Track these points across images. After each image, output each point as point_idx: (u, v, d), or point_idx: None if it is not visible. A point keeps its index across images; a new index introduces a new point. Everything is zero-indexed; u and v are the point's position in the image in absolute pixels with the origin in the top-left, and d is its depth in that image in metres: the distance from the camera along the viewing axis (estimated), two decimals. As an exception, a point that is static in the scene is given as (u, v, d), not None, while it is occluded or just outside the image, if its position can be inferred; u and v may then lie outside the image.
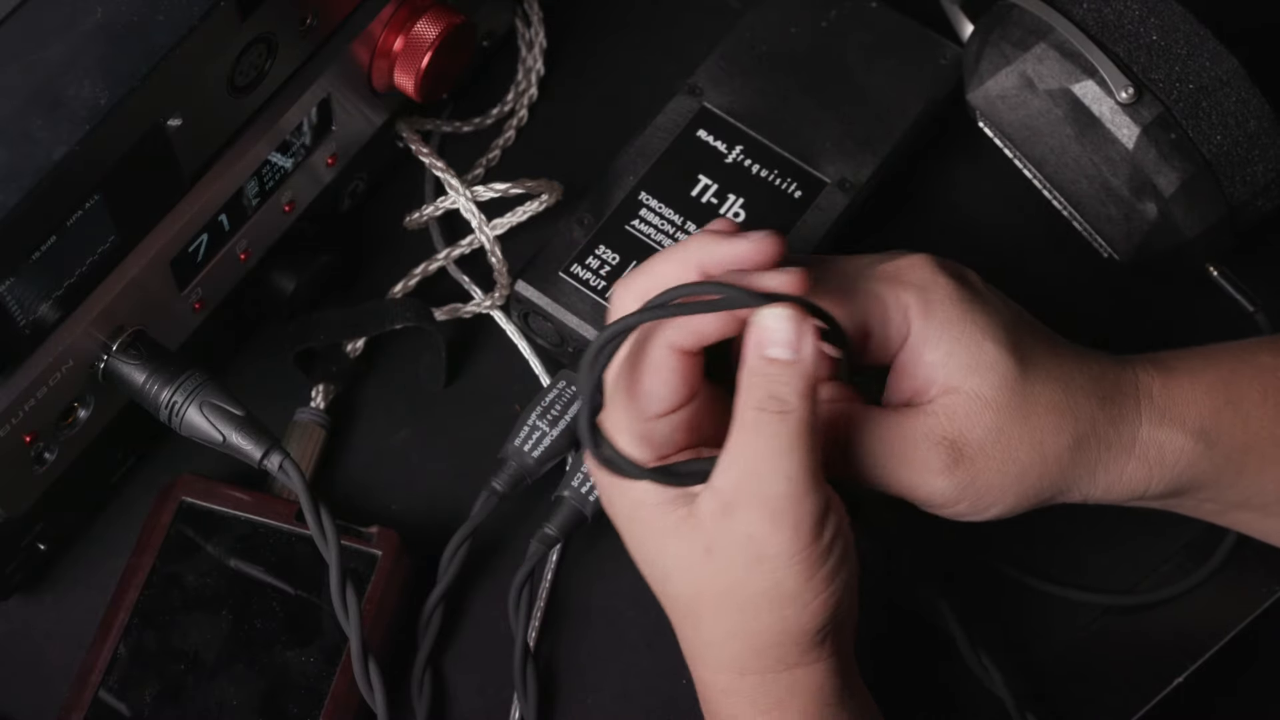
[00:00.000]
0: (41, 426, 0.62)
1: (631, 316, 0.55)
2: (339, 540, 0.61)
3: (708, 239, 0.57)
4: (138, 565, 0.67)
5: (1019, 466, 0.58)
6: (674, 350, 0.56)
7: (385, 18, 0.68)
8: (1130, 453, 0.60)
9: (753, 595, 0.56)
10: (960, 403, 0.58)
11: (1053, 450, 0.59)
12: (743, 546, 0.55)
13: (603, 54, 0.81)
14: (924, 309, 0.58)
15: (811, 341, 0.55)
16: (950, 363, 0.58)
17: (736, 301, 0.55)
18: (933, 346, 0.58)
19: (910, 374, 0.59)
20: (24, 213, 0.54)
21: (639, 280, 0.57)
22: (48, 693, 0.67)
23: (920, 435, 0.58)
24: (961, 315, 0.58)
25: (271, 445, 0.61)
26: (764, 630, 0.56)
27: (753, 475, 0.55)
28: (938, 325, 0.58)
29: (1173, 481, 0.61)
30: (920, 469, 0.58)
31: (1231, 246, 0.73)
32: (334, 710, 0.66)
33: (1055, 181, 0.75)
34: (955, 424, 0.58)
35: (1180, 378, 0.61)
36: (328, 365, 0.72)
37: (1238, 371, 0.61)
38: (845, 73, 0.76)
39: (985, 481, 0.58)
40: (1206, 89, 0.69)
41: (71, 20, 0.57)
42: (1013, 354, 0.58)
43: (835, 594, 0.56)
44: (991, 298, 0.60)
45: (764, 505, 0.54)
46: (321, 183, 0.71)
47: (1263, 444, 0.61)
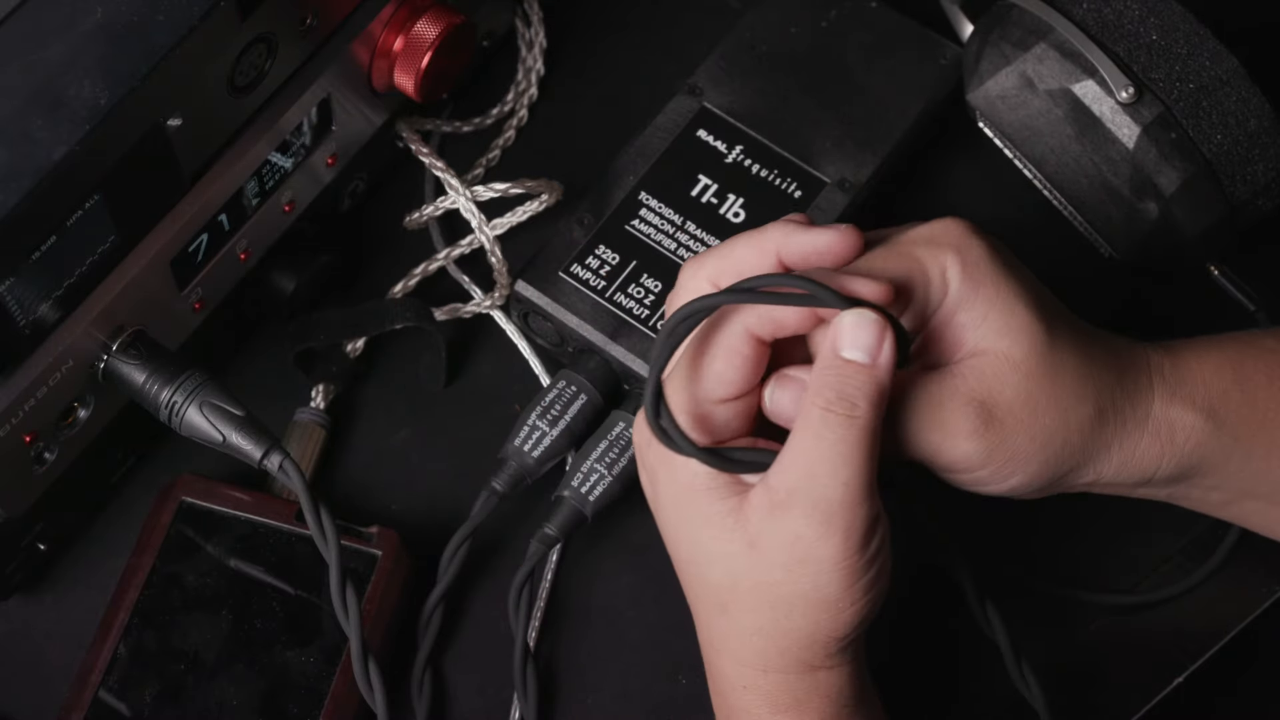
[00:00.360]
0: (41, 426, 0.62)
1: (717, 296, 0.55)
2: (339, 540, 0.61)
3: (788, 227, 0.57)
4: (138, 565, 0.67)
5: (1045, 432, 0.58)
6: (750, 336, 0.56)
7: (385, 18, 0.68)
8: (1144, 429, 0.60)
9: (790, 595, 0.56)
10: (990, 364, 0.57)
11: (1076, 418, 0.59)
12: (789, 546, 0.55)
13: (603, 54, 0.81)
14: (962, 269, 0.58)
15: (890, 350, 0.55)
16: (984, 325, 0.58)
17: (822, 300, 0.55)
18: (967, 307, 0.58)
19: (941, 336, 0.58)
20: (24, 213, 0.54)
21: (712, 261, 0.58)
22: (48, 693, 0.67)
23: (949, 395, 0.57)
24: (997, 277, 0.58)
25: (271, 445, 0.61)
26: (795, 631, 0.56)
27: (810, 476, 0.55)
28: (973, 285, 0.58)
29: (1182, 462, 0.61)
30: (949, 430, 0.57)
31: (1232, 246, 0.73)
32: (334, 710, 0.66)
33: (1055, 181, 0.75)
34: (985, 384, 0.57)
35: (1188, 358, 0.61)
36: (328, 365, 0.72)
37: (1243, 354, 0.62)
38: (845, 73, 0.76)
39: (1012, 445, 0.58)
40: (1207, 88, 0.69)
41: (71, 20, 0.57)
42: (1042, 320, 0.58)
43: (870, 604, 0.56)
44: (1020, 265, 0.60)
45: (817, 508, 0.54)
46: (321, 183, 0.71)
47: (1270, 427, 0.61)
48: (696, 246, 0.72)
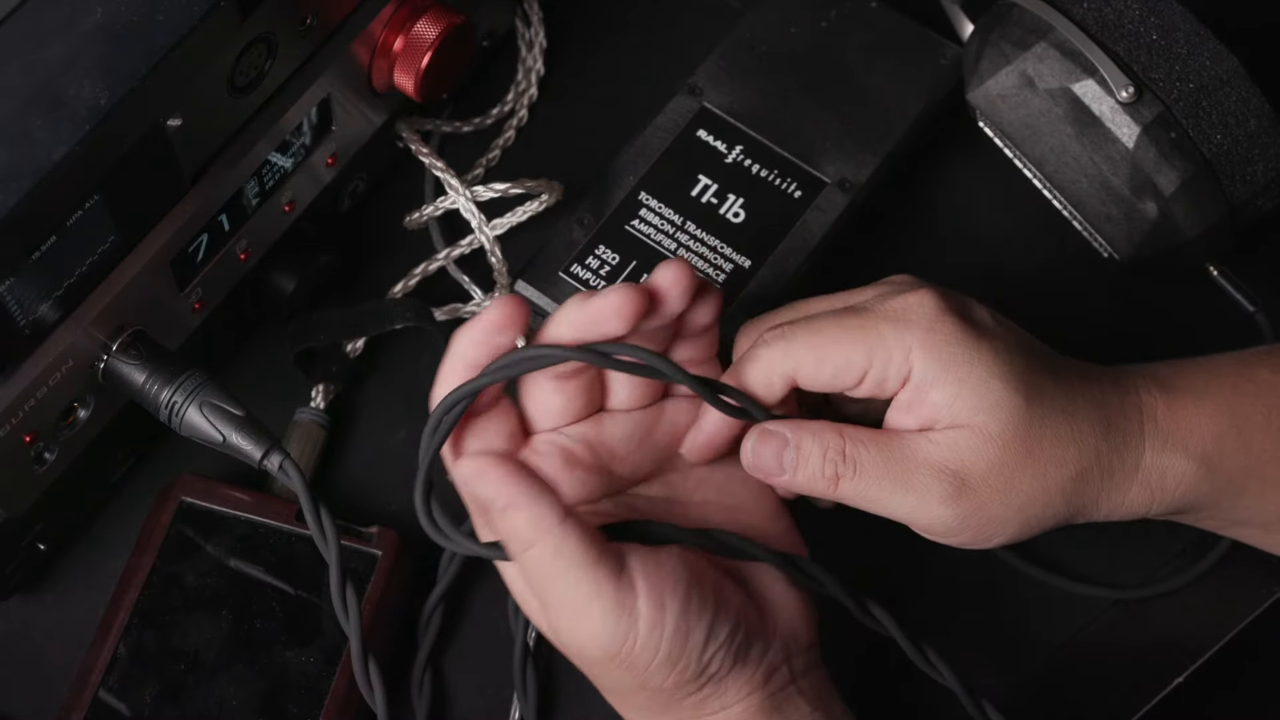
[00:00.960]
0: (41, 426, 0.62)
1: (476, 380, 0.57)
2: (339, 540, 0.61)
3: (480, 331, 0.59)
4: (138, 565, 0.67)
5: (1022, 498, 0.59)
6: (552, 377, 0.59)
7: (385, 18, 0.68)
8: (1133, 479, 0.60)
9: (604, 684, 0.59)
10: (965, 437, 0.58)
11: (1055, 482, 0.59)
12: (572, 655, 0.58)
13: (603, 54, 0.81)
14: (929, 350, 0.58)
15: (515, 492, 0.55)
16: (956, 403, 0.58)
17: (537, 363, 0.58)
18: (939, 387, 0.58)
19: (913, 410, 0.59)
20: (24, 213, 0.54)
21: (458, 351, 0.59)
22: (48, 693, 0.67)
23: (922, 462, 0.58)
24: (968, 356, 0.58)
25: (271, 445, 0.61)
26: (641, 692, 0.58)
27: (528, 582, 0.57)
28: (942, 366, 0.58)
29: (1174, 504, 0.62)
30: (923, 495, 0.58)
31: (1232, 246, 0.73)
32: (334, 710, 0.66)
33: (1055, 181, 0.75)
34: (959, 456, 0.58)
35: (1184, 400, 0.61)
36: (328, 365, 0.72)
37: (1240, 390, 0.62)
38: (845, 73, 0.76)
39: (988, 513, 0.59)
40: (1207, 88, 0.69)
41: (71, 20, 0.57)
42: (1019, 390, 0.58)
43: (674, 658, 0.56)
44: (1000, 331, 0.60)
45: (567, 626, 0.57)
46: (321, 183, 0.71)
47: (1264, 467, 0.61)
48: (696, 246, 0.72)
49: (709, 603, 0.57)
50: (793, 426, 0.59)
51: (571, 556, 0.55)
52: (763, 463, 0.59)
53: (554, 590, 0.56)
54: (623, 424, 0.61)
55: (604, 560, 0.55)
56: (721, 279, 0.71)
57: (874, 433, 0.59)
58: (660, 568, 0.56)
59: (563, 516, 0.55)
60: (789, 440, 0.59)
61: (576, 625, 0.56)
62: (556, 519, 0.55)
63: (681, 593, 0.56)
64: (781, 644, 0.59)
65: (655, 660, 0.56)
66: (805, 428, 0.59)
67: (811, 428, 0.59)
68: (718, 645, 0.57)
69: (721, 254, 0.72)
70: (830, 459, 0.59)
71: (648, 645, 0.56)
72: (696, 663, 0.56)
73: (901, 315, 0.59)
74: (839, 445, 0.59)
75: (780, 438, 0.59)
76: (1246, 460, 0.61)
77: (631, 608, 0.56)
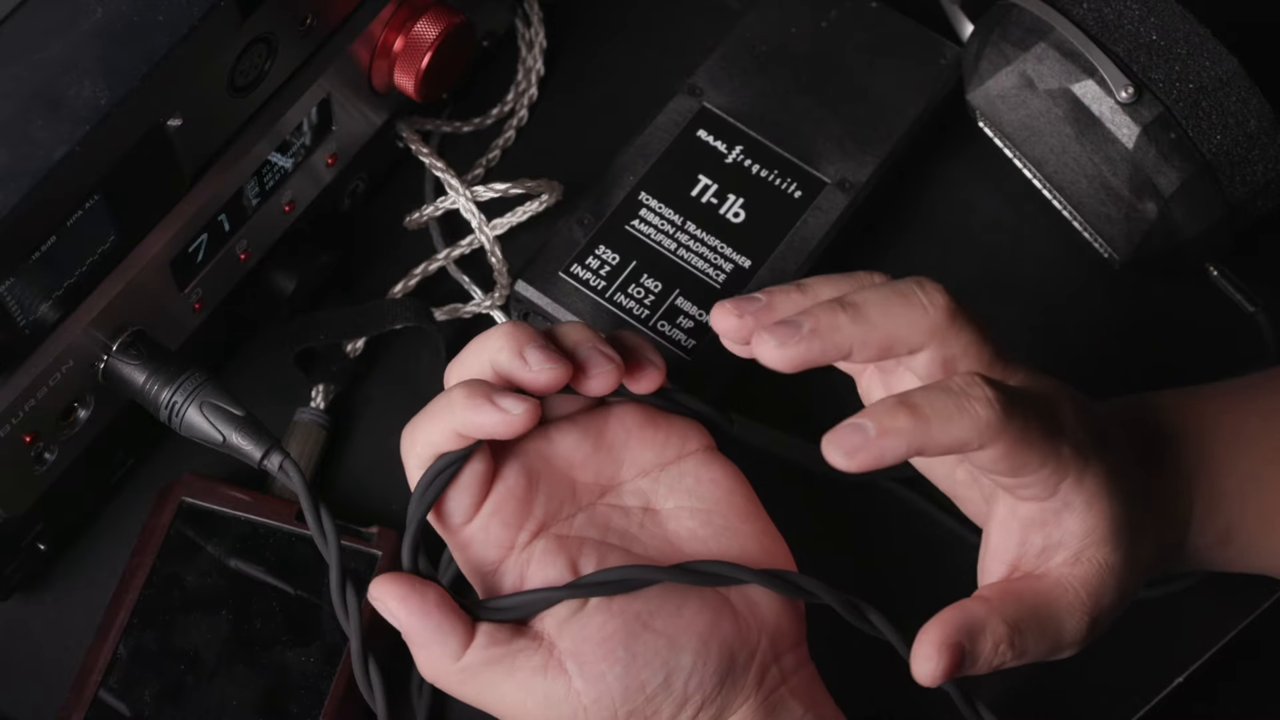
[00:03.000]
0: (41, 426, 0.62)
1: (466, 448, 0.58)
2: (339, 540, 0.61)
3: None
4: (138, 565, 0.67)
5: (1128, 597, 0.60)
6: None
7: (385, 18, 0.68)
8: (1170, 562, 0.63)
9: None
10: (1095, 575, 0.58)
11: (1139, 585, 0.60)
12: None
13: (603, 54, 0.81)
14: (1079, 480, 0.57)
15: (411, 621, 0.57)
16: (1092, 535, 0.57)
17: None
18: (1077, 516, 0.57)
19: (1046, 529, 0.58)
20: (24, 213, 0.54)
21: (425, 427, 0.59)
22: (48, 693, 0.67)
23: (1066, 611, 0.58)
24: (1102, 488, 0.57)
25: (271, 445, 0.61)
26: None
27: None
28: (1086, 499, 0.57)
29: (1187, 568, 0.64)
30: (1064, 640, 0.58)
31: (1231, 246, 0.73)
32: (334, 710, 0.66)
33: (1055, 181, 0.75)
34: (1094, 597, 0.58)
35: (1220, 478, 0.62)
36: (328, 365, 0.72)
37: (1268, 454, 0.63)
38: (845, 73, 0.76)
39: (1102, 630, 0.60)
40: (1206, 89, 0.69)
41: (71, 20, 0.57)
42: (1133, 517, 0.58)
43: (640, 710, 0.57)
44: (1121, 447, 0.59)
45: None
46: (321, 183, 0.71)
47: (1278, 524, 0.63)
48: (696, 246, 0.72)
49: (661, 645, 0.57)
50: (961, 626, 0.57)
51: (481, 678, 0.57)
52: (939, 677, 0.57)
53: (485, 704, 0.58)
54: (569, 430, 0.61)
55: (523, 658, 0.57)
56: (721, 279, 0.71)
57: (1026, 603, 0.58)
58: (591, 638, 0.57)
59: (461, 648, 0.57)
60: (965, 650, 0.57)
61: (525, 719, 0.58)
62: (455, 652, 0.57)
63: (620, 654, 0.56)
64: (769, 643, 0.59)
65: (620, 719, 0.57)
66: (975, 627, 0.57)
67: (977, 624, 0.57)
68: (686, 675, 0.57)
69: (721, 254, 0.72)
70: (1001, 652, 0.57)
71: (601, 714, 0.56)
72: (674, 699, 0.57)
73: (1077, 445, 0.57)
74: (1007, 635, 0.57)
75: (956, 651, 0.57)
76: (1263, 523, 0.63)
77: (567, 689, 0.56)
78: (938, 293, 0.57)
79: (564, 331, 0.59)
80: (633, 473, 0.61)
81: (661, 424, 0.61)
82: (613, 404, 0.61)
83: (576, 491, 0.60)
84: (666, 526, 0.61)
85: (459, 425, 0.57)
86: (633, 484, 0.61)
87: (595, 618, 0.57)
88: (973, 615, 0.57)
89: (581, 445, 0.61)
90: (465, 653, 0.57)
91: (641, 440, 0.61)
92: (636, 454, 0.61)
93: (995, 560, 0.59)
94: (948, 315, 0.56)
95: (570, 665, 0.57)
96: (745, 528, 0.61)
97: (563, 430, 0.61)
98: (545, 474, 0.60)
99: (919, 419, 0.53)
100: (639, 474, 0.61)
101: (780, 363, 0.56)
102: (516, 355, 0.57)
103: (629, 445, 0.61)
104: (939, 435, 0.53)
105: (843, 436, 0.53)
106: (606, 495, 0.61)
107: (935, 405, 0.54)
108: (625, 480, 0.61)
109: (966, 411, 0.54)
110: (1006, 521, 0.58)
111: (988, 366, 0.57)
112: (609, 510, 0.61)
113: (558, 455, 0.60)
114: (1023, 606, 0.57)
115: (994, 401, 0.54)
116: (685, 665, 0.57)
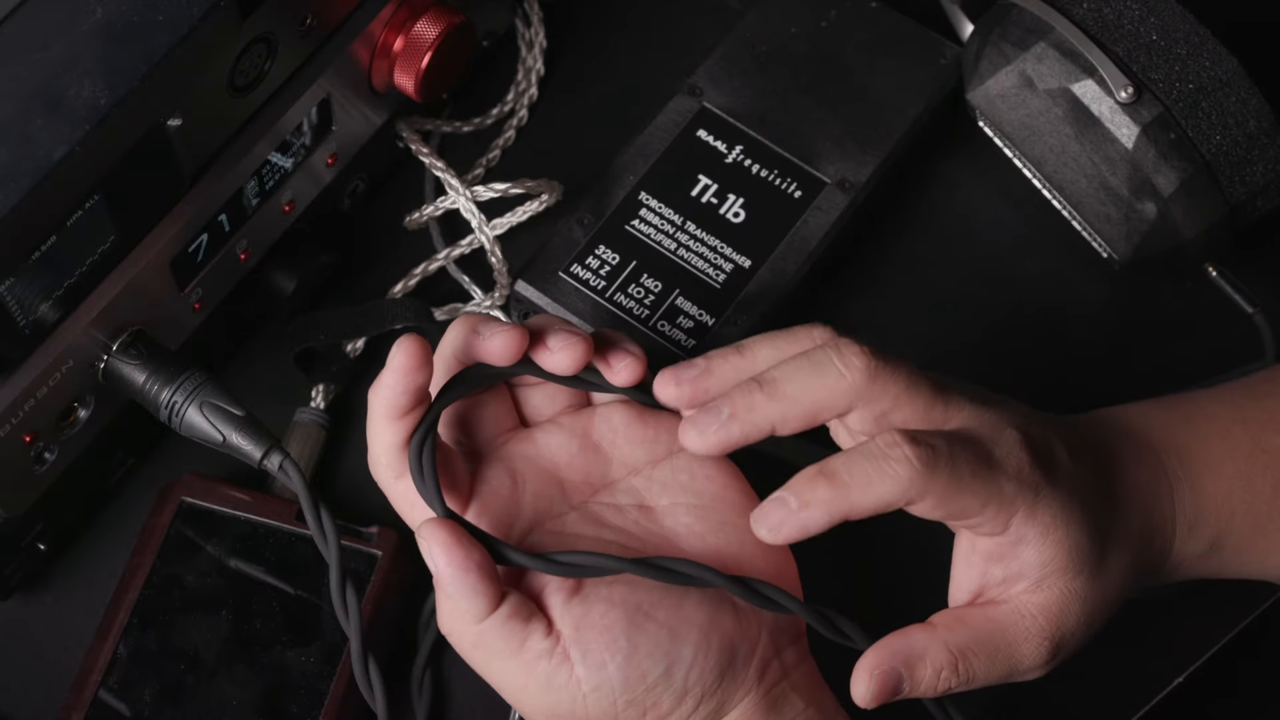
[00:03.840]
0: (41, 426, 0.62)
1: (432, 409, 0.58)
2: (339, 540, 0.61)
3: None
4: (138, 565, 0.67)
5: (1097, 627, 0.60)
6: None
7: (385, 18, 0.68)
8: (1160, 569, 0.62)
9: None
10: (1056, 601, 0.58)
11: (1117, 600, 0.61)
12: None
13: (603, 54, 0.81)
14: (1028, 513, 0.57)
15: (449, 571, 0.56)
16: (1051, 565, 0.58)
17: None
18: (1034, 548, 0.58)
19: (1004, 562, 0.58)
20: (24, 213, 0.54)
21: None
22: (48, 693, 0.67)
23: (1024, 642, 0.59)
24: (1058, 516, 0.58)
25: (271, 445, 0.61)
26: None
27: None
28: (1040, 530, 0.58)
29: (1179, 577, 0.64)
30: (1021, 665, 0.59)
31: (1230, 246, 0.73)
32: (334, 710, 0.66)
33: (1055, 181, 0.75)
34: (1054, 623, 0.59)
35: (1202, 480, 0.62)
36: (328, 365, 0.72)
37: (1253, 461, 0.63)
38: (845, 73, 0.76)
39: (1071, 652, 0.60)
40: (1206, 89, 0.69)
41: (71, 20, 0.57)
42: (1096, 539, 0.59)
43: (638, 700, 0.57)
44: (1076, 470, 0.59)
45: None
46: (321, 183, 0.71)
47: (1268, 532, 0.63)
48: (696, 246, 0.72)
49: (662, 636, 0.57)
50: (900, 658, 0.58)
51: (493, 646, 0.57)
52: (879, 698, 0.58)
53: (488, 673, 0.58)
54: (553, 431, 0.61)
55: (534, 640, 0.56)
56: (721, 279, 0.71)
57: (975, 630, 0.58)
58: (594, 626, 0.57)
59: (485, 612, 0.56)
60: (903, 675, 0.58)
61: (520, 701, 0.57)
62: (479, 613, 0.56)
63: (622, 643, 0.56)
64: (770, 638, 0.59)
65: (618, 709, 0.57)
66: (914, 654, 0.58)
67: (917, 651, 0.58)
68: (686, 667, 0.57)
69: (721, 254, 0.72)
70: (945, 678, 0.58)
71: (600, 703, 0.56)
72: (674, 691, 0.57)
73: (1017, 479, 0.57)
74: (950, 661, 0.58)
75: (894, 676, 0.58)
76: (1254, 530, 0.63)
77: (569, 675, 0.56)
78: (855, 355, 0.57)
79: (532, 320, 0.60)
80: (623, 471, 0.61)
81: (650, 421, 0.61)
82: (599, 404, 0.61)
83: (566, 491, 0.61)
84: (663, 523, 0.61)
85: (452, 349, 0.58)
86: (625, 482, 0.61)
87: (596, 606, 0.57)
88: (913, 643, 0.58)
89: (567, 446, 0.61)
90: (488, 618, 0.57)
91: (630, 438, 0.61)
92: (626, 452, 0.61)
93: (959, 590, 0.60)
94: (867, 377, 0.57)
95: (574, 653, 0.57)
96: (742, 522, 0.61)
97: (546, 432, 0.61)
98: (530, 475, 0.60)
99: (838, 487, 0.55)
100: (630, 472, 0.61)
101: (705, 450, 0.58)
102: (471, 332, 0.58)
103: (617, 444, 0.61)
104: (860, 500, 0.55)
105: (767, 512, 0.56)
106: (599, 494, 0.61)
107: (854, 471, 0.55)
108: (617, 479, 0.61)
109: (886, 474, 0.55)
110: (967, 555, 0.59)
111: (923, 413, 0.58)
112: (602, 509, 0.61)
113: (542, 456, 0.61)
114: (971, 634, 0.58)
115: (914, 459, 0.55)
116: (686, 657, 0.57)
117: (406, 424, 0.58)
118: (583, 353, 0.58)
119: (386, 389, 0.57)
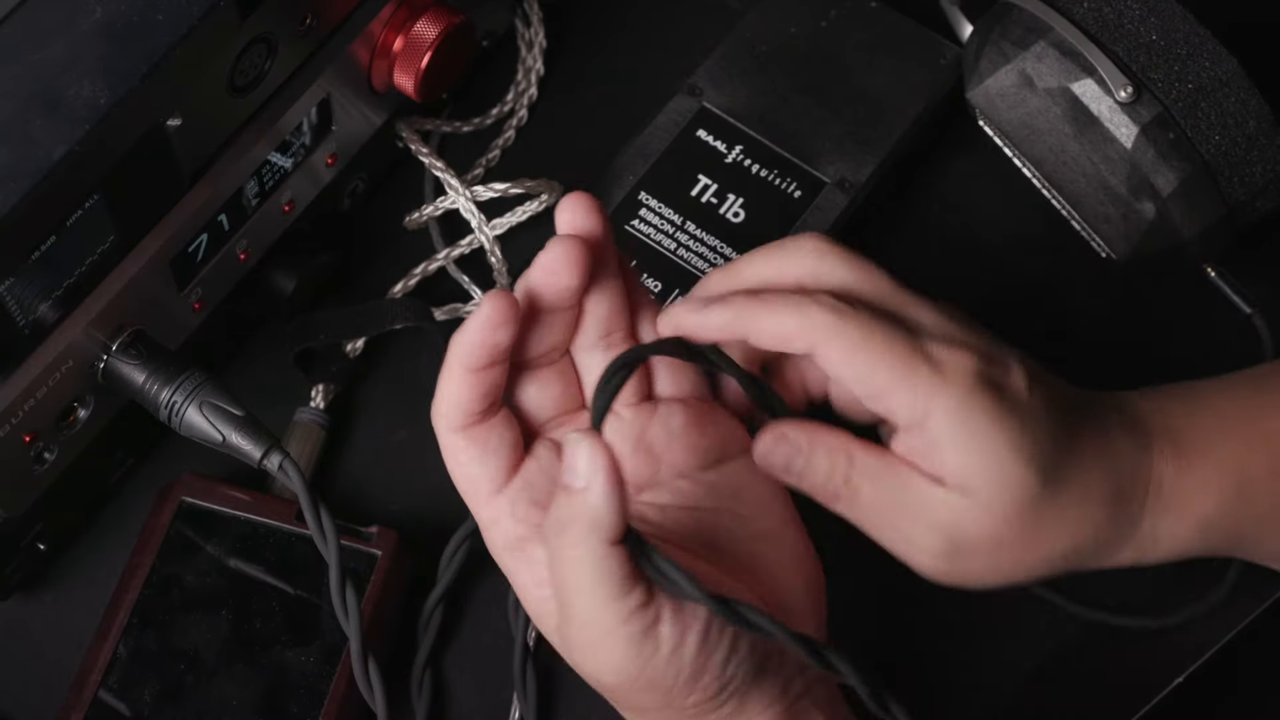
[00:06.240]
0: (41, 426, 0.62)
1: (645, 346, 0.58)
2: (339, 540, 0.61)
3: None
4: (138, 565, 0.67)
5: (1009, 567, 0.58)
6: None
7: (385, 18, 0.68)
8: (1127, 544, 0.60)
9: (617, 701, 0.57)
10: (968, 506, 0.57)
11: (1046, 555, 0.58)
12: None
13: (603, 54, 0.81)
14: (955, 416, 0.56)
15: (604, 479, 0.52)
16: (970, 470, 0.56)
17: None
18: (957, 451, 0.56)
19: (926, 457, 0.57)
20: (24, 213, 0.55)
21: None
22: (48, 693, 0.67)
23: (920, 514, 0.57)
24: (994, 430, 0.56)
25: (271, 445, 0.61)
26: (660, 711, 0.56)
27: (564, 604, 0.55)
28: (967, 434, 0.56)
29: (1165, 559, 0.61)
30: (911, 544, 0.58)
31: (1229, 247, 0.73)
32: (334, 710, 0.66)
33: (1054, 180, 0.75)
34: (957, 521, 0.57)
35: (1192, 461, 0.60)
36: (328, 365, 0.73)
37: (1249, 445, 0.61)
38: (845, 73, 0.76)
39: (972, 573, 0.58)
40: (1206, 89, 0.69)
41: (71, 20, 0.57)
42: (1038, 471, 0.57)
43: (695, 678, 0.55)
44: (1033, 402, 0.58)
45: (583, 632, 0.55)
46: (321, 183, 0.71)
47: (1263, 520, 0.62)
48: (696, 246, 0.72)
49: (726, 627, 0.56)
50: (809, 436, 0.58)
51: (607, 576, 0.54)
52: (771, 462, 0.59)
53: (579, 608, 0.55)
54: (611, 421, 0.60)
55: (636, 587, 0.54)
56: (721, 279, 0.71)
57: (883, 465, 0.58)
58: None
59: (620, 535, 0.53)
60: (802, 450, 0.58)
61: (596, 648, 0.55)
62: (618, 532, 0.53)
63: (704, 615, 0.55)
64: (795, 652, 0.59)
65: (676, 683, 0.55)
66: (820, 442, 0.58)
67: (826, 443, 0.58)
68: (739, 659, 0.56)
69: (721, 254, 0.72)
70: (834, 480, 0.58)
71: (668, 672, 0.55)
72: (718, 680, 0.56)
73: (941, 368, 0.57)
74: (845, 470, 0.58)
75: (795, 447, 0.58)
76: (1248, 518, 0.61)
77: (655, 635, 0.55)
78: (807, 237, 0.59)
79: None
80: (670, 474, 0.60)
81: (708, 429, 0.61)
82: (660, 401, 0.61)
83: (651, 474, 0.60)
84: (702, 525, 0.60)
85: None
86: (671, 484, 0.61)
87: None
88: (830, 438, 0.58)
89: (621, 442, 0.60)
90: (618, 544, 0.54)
91: (685, 444, 0.60)
92: (677, 457, 0.60)
93: None
94: (815, 255, 0.58)
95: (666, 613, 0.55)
96: (782, 533, 0.60)
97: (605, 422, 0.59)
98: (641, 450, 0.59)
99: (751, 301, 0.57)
100: (676, 475, 0.60)
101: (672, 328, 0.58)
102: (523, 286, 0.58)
103: (671, 448, 0.60)
104: (765, 322, 0.56)
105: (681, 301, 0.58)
106: (642, 493, 0.60)
107: (772, 296, 0.57)
108: (663, 480, 0.61)
109: (797, 306, 0.56)
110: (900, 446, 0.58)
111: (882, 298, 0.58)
112: (644, 508, 0.60)
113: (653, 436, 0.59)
114: (881, 466, 0.57)
115: (828, 304, 0.56)
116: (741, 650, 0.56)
117: (477, 380, 0.56)
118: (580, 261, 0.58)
119: (466, 340, 0.56)
